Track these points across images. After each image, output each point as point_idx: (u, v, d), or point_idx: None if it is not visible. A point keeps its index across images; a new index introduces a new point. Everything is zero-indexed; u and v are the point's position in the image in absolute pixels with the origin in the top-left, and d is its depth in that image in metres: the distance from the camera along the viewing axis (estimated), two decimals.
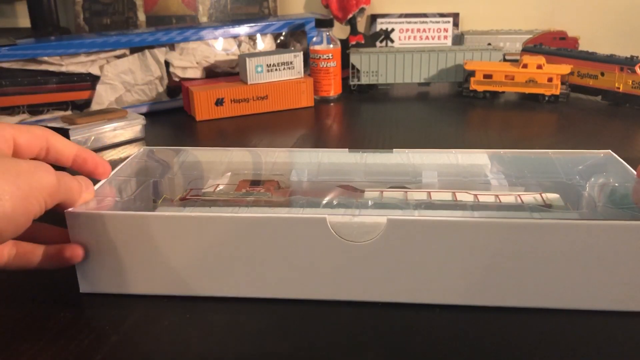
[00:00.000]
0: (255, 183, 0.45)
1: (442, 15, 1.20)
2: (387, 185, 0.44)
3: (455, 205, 0.40)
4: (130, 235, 0.38)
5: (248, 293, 0.39)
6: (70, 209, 0.38)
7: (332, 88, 0.97)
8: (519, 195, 0.42)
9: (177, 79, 0.93)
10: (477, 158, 0.49)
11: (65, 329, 0.37)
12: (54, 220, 0.39)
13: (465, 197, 0.42)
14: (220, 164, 0.50)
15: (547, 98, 0.92)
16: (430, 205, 0.40)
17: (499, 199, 0.42)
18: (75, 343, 0.36)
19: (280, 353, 0.35)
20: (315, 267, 0.38)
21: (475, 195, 0.42)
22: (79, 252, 0.39)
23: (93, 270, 0.39)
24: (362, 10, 1.13)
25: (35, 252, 0.39)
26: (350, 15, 1.13)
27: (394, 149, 0.50)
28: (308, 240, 0.37)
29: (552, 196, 0.42)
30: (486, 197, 0.42)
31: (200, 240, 0.38)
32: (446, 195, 0.42)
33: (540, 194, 0.42)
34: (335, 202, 0.40)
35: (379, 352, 0.35)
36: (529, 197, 0.42)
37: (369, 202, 0.41)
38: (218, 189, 0.44)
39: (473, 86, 0.95)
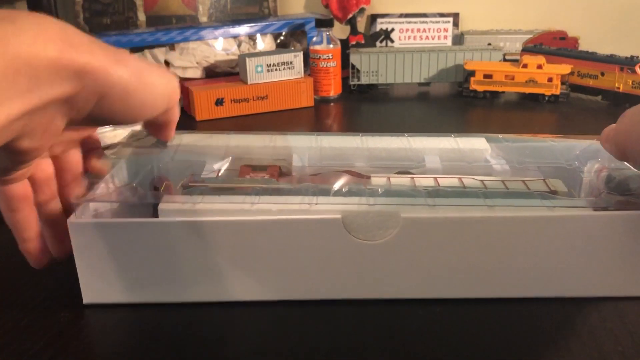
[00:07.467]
0: (257, 168, 0.44)
1: (442, 15, 1.20)
2: (392, 171, 0.44)
3: (465, 193, 0.40)
4: (136, 242, 0.37)
5: (256, 297, 0.39)
6: (71, 219, 0.37)
7: (332, 88, 0.97)
8: (523, 181, 0.42)
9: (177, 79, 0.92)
10: (476, 142, 0.49)
11: (65, 329, 0.37)
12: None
13: (472, 182, 0.42)
14: (218, 148, 0.47)
15: (547, 98, 0.92)
16: (440, 192, 0.40)
17: (506, 185, 0.42)
18: (75, 343, 0.36)
19: (282, 354, 0.35)
20: (329, 267, 0.38)
21: (482, 182, 0.42)
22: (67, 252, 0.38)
23: (98, 280, 0.38)
24: (362, 10, 1.13)
25: (48, 207, 0.37)
26: (350, 15, 1.13)
27: (391, 133, 0.49)
28: (322, 240, 0.37)
29: (555, 182, 0.42)
30: (493, 183, 0.42)
31: (210, 245, 0.37)
32: (453, 182, 0.42)
33: (544, 179, 0.43)
34: (345, 190, 0.39)
35: (382, 349, 0.35)
36: (534, 183, 0.42)
37: (379, 190, 0.39)
38: (220, 174, 0.43)
39: (473, 86, 0.95)
